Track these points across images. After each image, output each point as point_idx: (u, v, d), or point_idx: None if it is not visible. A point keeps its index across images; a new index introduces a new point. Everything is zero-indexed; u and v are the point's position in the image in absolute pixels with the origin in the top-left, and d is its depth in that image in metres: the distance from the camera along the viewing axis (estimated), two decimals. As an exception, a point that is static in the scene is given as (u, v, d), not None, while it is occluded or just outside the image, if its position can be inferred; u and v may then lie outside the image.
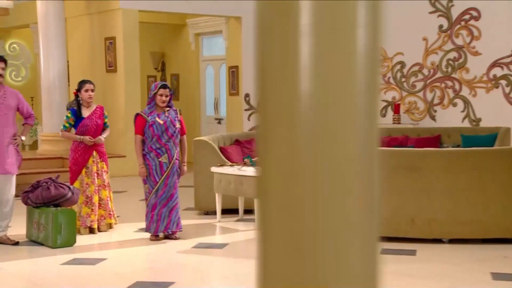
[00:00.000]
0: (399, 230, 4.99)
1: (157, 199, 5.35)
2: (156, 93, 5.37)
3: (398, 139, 7.85)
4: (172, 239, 5.39)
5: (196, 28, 11.41)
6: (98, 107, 5.80)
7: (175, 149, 5.39)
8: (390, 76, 10.11)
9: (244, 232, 5.71)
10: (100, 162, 5.71)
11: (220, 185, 6.07)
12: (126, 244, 5.29)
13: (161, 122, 5.34)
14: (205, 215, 6.53)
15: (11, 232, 5.35)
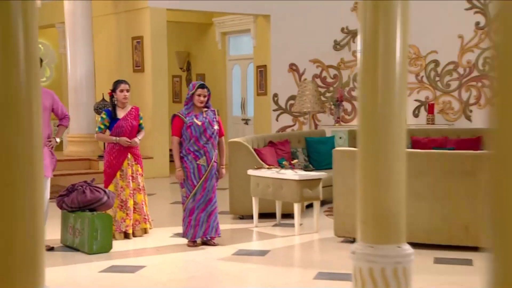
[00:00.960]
0: (452, 237, 4.72)
1: (195, 203, 5.14)
2: (194, 93, 5.17)
3: (437, 140, 7.56)
4: (210, 245, 5.19)
5: (223, 27, 11.22)
6: (133, 107, 5.61)
7: (213, 151, 5.18)
8: (423, 75, 9.81)
9: (284, 238, 5.48)
10: (135, 164, 5.52)
11: (257, 189, 5.85)
12: (163, 250, 5.10)
13: (199, 123, 5.14)
14: (240, 219, 6.31)
15: (45, 236, 5.18)
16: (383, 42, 2.17)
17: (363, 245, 2.25)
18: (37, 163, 1.77)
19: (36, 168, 1.76)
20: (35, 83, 1.76)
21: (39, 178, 1.79)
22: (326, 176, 5.75)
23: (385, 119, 2.23)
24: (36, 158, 1.76)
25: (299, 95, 9.23)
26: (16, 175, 1.72)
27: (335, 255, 4.86)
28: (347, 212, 5.10)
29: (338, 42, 10.03)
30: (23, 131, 1.73)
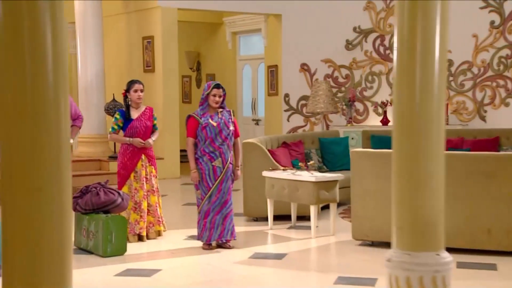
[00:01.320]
0: (474, 241, 4.61)
1: (210, 205, 5.06)
2: (209, 93, 5.08)
3: (453, 141, 7.44)
4: (226, 248, 5.10)
5: (233, 26, 11.14)
6: (147, 108, 5.54)
7: (229, 153, 5.10)
8: (437, 75, 9.69)
9: (300, 241, 5.39)
10: (149, 166, 5.44)
11: (272, 190, 5.76)
12: (178, 253, 5.01)
13: (214, 124, 5.05)
14: (254, 221, 6.22)
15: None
16: (421, 40, 2.08)
17: (399, 253, 2.15)
18: (65, 167, 1.69)
19: (64, 172, 1.68)
20: (63, 84, 1.68)
21: (67, 182, 1.71)
22: (343, 177, 5.65)
23: (423, 119, 2.13)
24: (64, 162, 1.68)
25: (312, 95, 9.13)
26: (44, 180, 1.64)
27: (354, 259, 4.77)
28: (365, 214, 5.01)
29: (350, 42, 9.92)
30: (50, 134, 1.65)
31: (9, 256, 1.68)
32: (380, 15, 9.87)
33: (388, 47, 9.84)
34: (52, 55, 1.63)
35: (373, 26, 9.87)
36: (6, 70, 1.61)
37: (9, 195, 1.65)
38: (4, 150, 1.65)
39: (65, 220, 1.70)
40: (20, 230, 1.65)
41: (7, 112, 1.63)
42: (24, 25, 1.59)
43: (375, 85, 9.95)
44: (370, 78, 9.95)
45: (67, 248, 1.73)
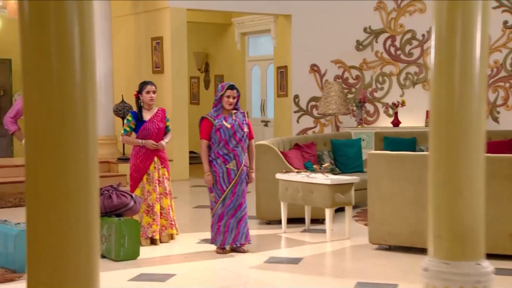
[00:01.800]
0: (496, 246, 4.50)
1: (224, 208, 4.97)
2: (223, 94, 5.00)
3: (468, 143, 7.33)
4: (240, 252, 5.01)
5: (242, 27, 11.05)
6: (159, 109, 5.45)
7: (243, 155, 5.01)
8: (448, 75, 9.58)
9: (315, 245, 5.29)
10: (162, 168, 5.36)
11: (286, 193, 5.67)
12: (192, 257, 4.92)
13: (228, 126, 4.96)
14: (267, 224, 6.13)
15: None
16: (461, 40, 1.99)
17: (437, 262, 2.06)
18: (92, 171, 1.60)
19: (91, 177, 1.60)
20: (91, 84, 1.59)
21: (95, 187, 1.62)
22: (359, 180, 5.55)
23: (462, 122, 2.04)
24: (91, 166, 1.59)
25: (324, 96, 9.02)
26: (71, 186, 1.55)
27: (371, 264, 4.66)
28: (382, 218, 4.90)
29: (360, 42, 9.82)
30: (78, 137, 1.56)
31: (34, 265, 1.60)
32: (391, 15, 9.77)
33: (399, 48, 9.73)
34: (80, 55, 1.54)
35: (384, 26, 9.77)
36: (33, 70, 1.52)
37: (34, 202, 1.57)
38: (29, 154, 1.56)
39: (93, 228, 1.61)
40: (46, 238, 1.57)
41: (33, 113, 1.55)
42: (51, 24, 1.51)
43: (385, 86, 9.84)
44: (380, 79, 9.85)
45: (94, 257, 1.64)
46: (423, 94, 9.65)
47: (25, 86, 1.56)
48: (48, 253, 1.57)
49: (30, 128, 1.56)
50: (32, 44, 1.51)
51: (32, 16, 1.51)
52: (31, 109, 1.55)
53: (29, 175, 1.57)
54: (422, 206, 4.71)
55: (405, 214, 4.77)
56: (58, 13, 1.52)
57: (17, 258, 4.30)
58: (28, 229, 1.60)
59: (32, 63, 1.52)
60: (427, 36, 9.61)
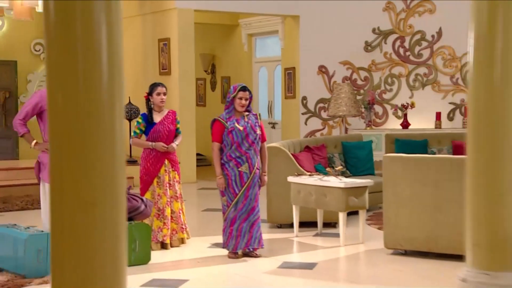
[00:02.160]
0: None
1: (236, 212, 4.87)
2: (235, 96, 4.91)
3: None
4: (253, 256, 4.91)
5: (249, 28, 10.97)
6: (170, 111, 5.36)
7: (256, 158, 4.91)
8: (458, 77, 9.48)
9: (328, 250, 5.19)
10: (172, 171, 5.27)
11: (298, 197, 5.57)
12: (204, 262, 4.83)
13: (240, 128, 4.87)
14: (278, 228, 6.03)
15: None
16: (502, 40, 1.90)
17: (476, 272, 1.96)
18: (120, 177, 1.51)
19: (119, 183, 1.51)
20: (118, 86, 1.50)
21: (122, 194, 1.53)
22: (373, 183, 5.45)
23: (503, 124, 1.94)
24: (118, 171, 1.50)
25: (333, 98, 8.93)
26: (98, 193, 1.46)
27: (387, 269, 4.56)
28: (398, 222, 4.80)
29: (369, 43, 9.72)
30: (104, 142, 1.47)
31: (58, 272, 1.50)
32: (400, 15, 9.67)
33: (409, 49, 9.64)
34: (107, 55, 1.45)
35: (393, 27, 9.67)
36: (58, 71, 1.43)
37: (59, 210, 1.48)
38: (54, 157, 1.47)
39: (120, 234, 1.52)
40: (71, 245, 1.48)
41: (58, 115, 1.46)
42: (77, 25, 1.42)
43: (394, 87, 9.75)
44: (389, 80, 9.75)
45: (122, 267, 1.55)
46: (433, 95, 9.55)
47: (49, 87, 1.47)
48: (73, 260, 1.48)
49: (55, 131, 1.47)
50: (58, 44, 1.42)
51: (57, 15, 1.42)
52: (56, 111, 1.46)
53: (53, 179, 1.48)
54: (439, 210, 4.61)
55: (421, 218, 4.67)
56: (85, 13, 1.43)
57: (27, 263, 4.21)
58: (53, 235, 1.51)
59: (57, 63, 1.43)
60: (437, 37, 9.51)
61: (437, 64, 9.53)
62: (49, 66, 1.46)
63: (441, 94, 9.55)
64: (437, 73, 9.54)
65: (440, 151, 7.26)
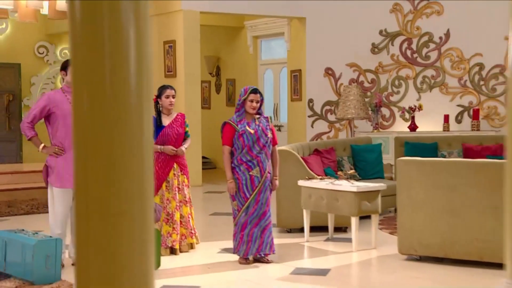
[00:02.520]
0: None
1: (247, 217, 4.78)
2: (246, 98, 4.82)
3: (491, 148, 7.13)
4: (264, 262, 4.82)
5: (255, 30, 10.89)
6: (179, 114, 5.28)
7: (267, 161, 4.82)
8: (466, 79, 9.39)
9: (341, 255, 5.09)
10: (181, 175, 5.18)
11: (309, 201, 5.48)
12: (214, 268, 4.74)
13: (251, 131, 4.79)
14: (287, 232, 5.94)
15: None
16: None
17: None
18: (148, 185, 1.42)
19: (147, 191, 1.42)
20: (147, 89, 1.41)
21: (150, 203, 1.44)
22: (385, 187, 5.36)
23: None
24: (147, 179, 1.41)
25: (342, 100, 8.84)
26: (125, 202, 1.37)
27: (403, 275, 4.46)
28: (413, 227, 4.71)
29: (376, 45, 9.64)
30: (132, 148, 1.38)
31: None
32: (407, 17, 9.59)
33: (416, 51, 9.55)
34: (135, 57, 1.36)
35: (400, 29, 9.59)
36: (83, 73, 1.35)
37: (84, 221, 1.39)
38: (79, 168, 1.38)
39: (148, 249, 1.43)
40: (96, 260, 1.39)
41: (83, 120, 1.37)
42: (104, 24, 1.34)
43: (401, 89, 9.66)
44: (396, 82, 9.66)
45: (150, 281, 1.45)
46: (441, 97, 9.46)
47: (75, 90, 1.38)
48: (99, 272, 1.39)
49: (79, 137, 1.38)
50: (83, 45, 1.33)
51: (84, 15, 1.34)
52: (81, 116, 1.37)
53: (78, 188, 1.39)
54: (455, 215, 4.52)
55: (437, 223, 4.57)
56: (113, 13, 1.35)
57: (36, 269, 4.12)
58: (78, 249, 1.42)
59: (83, 65, 1.35)
60: (445, 39, 9.42)
61: (445, 66, 9.44)
62: (75, 69, 1.37)
63: (449, 96, 9.46)
64: (445, 75, 9.45)
65: (451, 154, 7.17)
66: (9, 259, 4.29)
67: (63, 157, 4.57)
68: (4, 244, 4.30)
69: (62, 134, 4.56)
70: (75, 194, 1.44)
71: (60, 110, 4.56)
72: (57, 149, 4.55)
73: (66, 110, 4.56)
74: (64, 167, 4.55)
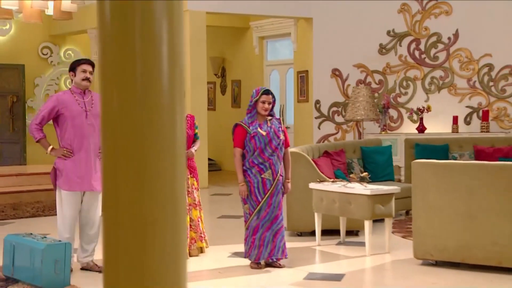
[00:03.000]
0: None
1: (259, 221, 4.68)
2: (258, 100, 4.72)
3: (503, 150, 7.03)
4: (276, 267, 4.72)
5: (261, 31, 10.79)
6: (188, 116, 5.19)
7: (279, 164, 4.73)
8: (475, 80, 9.28)
9: (354, 260, 4.99)
10: (191, 178, 5.09)
11: (321, 204, 5.38)
12: (225, 272, 4.64)
13: (263, 133, 4.69)
14: (298, 236, 5.84)
15: (97, 256, 4.76)
16: None
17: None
18: (180, 192, 1.33)
19: (179, 199, 1.32)
20: (180, 90, 1.32)
21: (183, 212, 1.35)
22: (399, 190, 5.26)
23: None
24: (179, 185, 1.32)
25: (351, 101, 8.74)
26: (157, 210, 1.28)
27: (420, 281, 4.36)
28: (429, 231, 4.60)
29: (384, 46, 9.54)
30: (164, 152, 1.29)
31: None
32: (415, 17, 9.49)
33: (424, 51, 9.45)
34: (168, 57, 1.28)
35: (408, 29, 9.49)
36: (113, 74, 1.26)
37: (113, 231, 1.29)
38: (107, 173, 1.29)
39: (181, 262, 1.33)
40: (127, 275, 1.29)
41: (112, 123, 1.28)
42: (135, 24, 1.25)
43: (409, 90, 9.56)
44: (404, 83, 9.56)
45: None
46: (449, 99, 9.36)
47: (103, 92, 1.29)
48: (129, 284, 1.29)
49: (108, 140, 1.29)
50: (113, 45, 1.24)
51: (114, 15, 1.25)
52: (110, 118, 1.28)
53: (106, 196, 1.30)
54: (473, 219, 4.41)
55: (454, 227, 4.47)
56: (145, 12, 1.25)
57: (44, 274, 4.02)
58: (106, 261, 1.33)
59: (112, 66, 1.25)
60: (453, 39, 9.32)
61: (453, 67, 9.34)
62: (103, 69, 1.27)
63: (457, 97, 9.35)
64: (453, 76, 9.35)
65: (462, 156, 7.07)
66: (17, 263, 4.19)
67: (72, 159, 4.48)
68: (12, 248, 4.21)
69: (70, 135, 4.47)
70: (103, 201, 1.34)
71: (69, 111, 4.47)
72: (65, 151, 4.46)
73: (74, 111, 4.47)
74: (73, 169, 4.46)
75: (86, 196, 4.56)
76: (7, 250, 4.26)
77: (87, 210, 4.57)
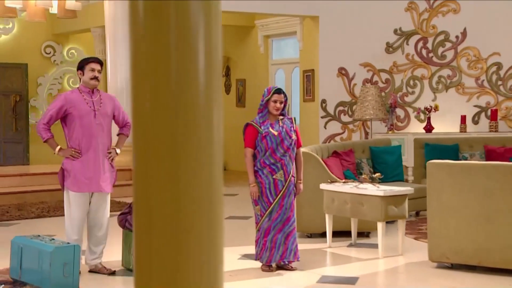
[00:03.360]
0: None
1: (270, 222, 4.59)
2: (270, 99, 4.63)
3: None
4: (288, 269, 4.63)
5: (266, 29, 10.70)
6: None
7: (291, 164, 4.63)
8: (484, 79, 9.18)
9: (366, 262, 4.89)
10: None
11: (332, 205, 5.29)
12: (236, 275, 4.54)
13: (275, 133, 4.59)
14: (308, 237, 5.75)
15: (106, 258, 4.66)
16: None
17: None
18: (217, 197, 1.24)
19: (216, 205, 1.23)
20: (217, 91, 1.23)
21: (220, 219, 1.26)
22: (413, 191, 5.17)
23: None
24: (216, 191, 1.23)
25: (360, 101, 8.64)
26: (193, 218, 1.19)
27: (437, 285, 4.27)
28: (444, 233, 4.51)
29: (390, 45, 9.44)
30: (201, 156, 1.19)
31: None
32: (423, 16, 9.39)
33: (432, 50, 9.35)
34: (204, 58, 1.19)
35: (415, 27, 9.39)
36: (146, 75, 1.17)
37: (146, 239, 1.19)
38: (138, 177, 1.19)
39: (217, 273, 1.24)
40: (160, 284, 1.20)
41: (144, 123, 1.18)
42: (171, 25, 1.16)
43: (417, 90, 9.45)
44: (411, 82, 9.46)
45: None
46: (457, 98, 9.26)
47: (135, 90, 1.20)
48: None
49: (140, 145, 1.20)
50: (147, 45, 1.15)
51: (147, 15, 1.16)
52: (142, 118, 1.18)
53: (138, 202, 1.21)
54: (490, 221, 4.32)
55: (470, 230, 4.37)
56: (181, 13, 1.17)
57: (53, 276, 3.93)
58: (137, 270, 1.24)
59: (146, 67, 1.16)
60: (461, 38, 9.22)
61: (461, 66, 9.24)
62: (135, 70, 1.19)
63: (465, 96, 9.25)
64: (461, 75, 9.25)
65: (472, 156, 6.98)
66: (24, 266, 4.10)
67: (80, 160, 4.38)
68: (19, 250, 4.12)
69: (79, 135, 4.38)
70: (134, 206, 1.25)
71: (77, 110, 4.37)
72: (73, 152, 4.37)
73: (83, 110, 4.38)
74: (81, 170, 4.37)
75: (94, 197, 4.47)
76: (15, 252, 4.17)
77: (95, 211, 4.47)
